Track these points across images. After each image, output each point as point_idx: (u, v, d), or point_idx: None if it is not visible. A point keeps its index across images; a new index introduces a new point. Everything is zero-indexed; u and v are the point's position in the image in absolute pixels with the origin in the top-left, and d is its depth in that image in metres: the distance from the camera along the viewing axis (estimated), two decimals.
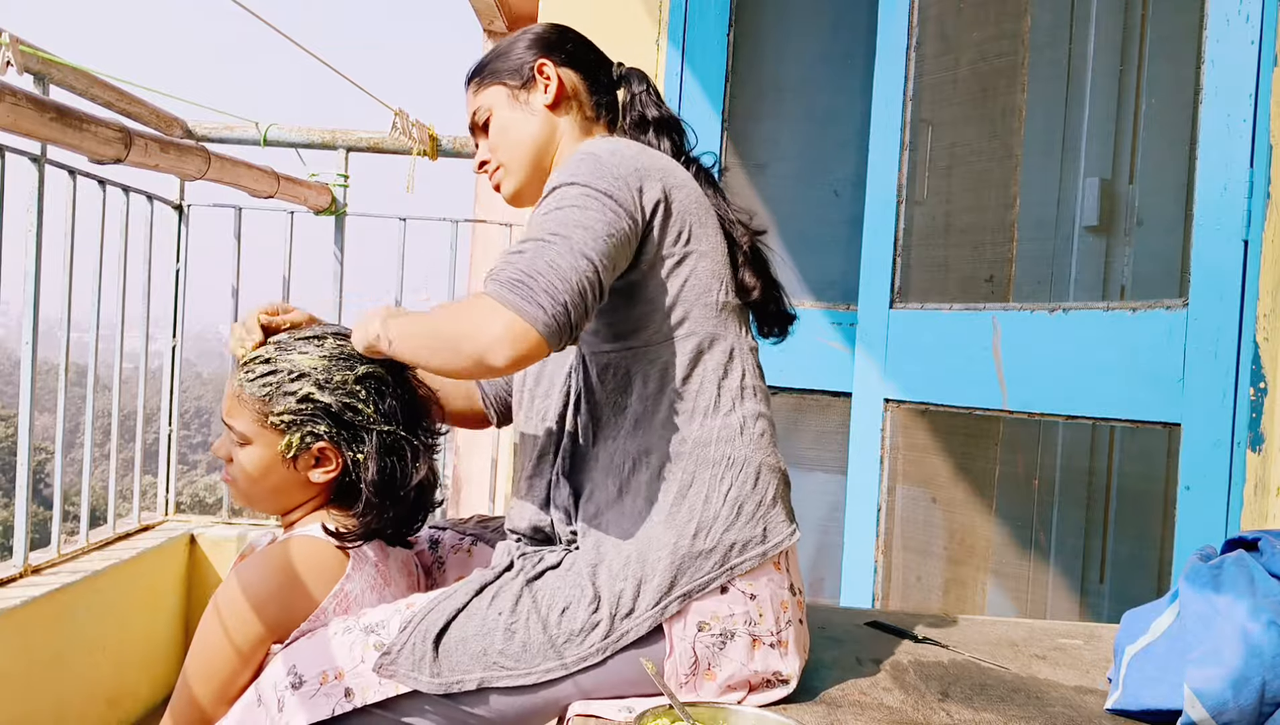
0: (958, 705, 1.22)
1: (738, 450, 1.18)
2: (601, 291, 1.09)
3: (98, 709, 2.47)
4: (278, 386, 1.25)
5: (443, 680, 1.14)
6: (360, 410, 1.26)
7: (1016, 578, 2.35)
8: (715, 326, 1.21)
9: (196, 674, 1.21)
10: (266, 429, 1.26)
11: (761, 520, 1.17)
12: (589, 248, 1.08)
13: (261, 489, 1.30)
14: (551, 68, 1.34)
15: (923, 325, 2.14)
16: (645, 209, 1.17)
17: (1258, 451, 1.56)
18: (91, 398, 2.51)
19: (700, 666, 1.14)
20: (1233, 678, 1.07)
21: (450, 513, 4.79)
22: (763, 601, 1.16)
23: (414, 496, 1.31)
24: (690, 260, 1.21)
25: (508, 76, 1.35)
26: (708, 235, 1.24)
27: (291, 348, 1.28)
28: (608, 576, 1.15)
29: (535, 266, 1.05)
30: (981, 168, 2.33)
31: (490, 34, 5.40)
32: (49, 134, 1.95)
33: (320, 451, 1.27)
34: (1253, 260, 1.60)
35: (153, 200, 2.82)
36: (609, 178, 1.15)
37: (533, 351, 1.04)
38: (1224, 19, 1.65)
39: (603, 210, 1.12)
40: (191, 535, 2.96)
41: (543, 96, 1.33)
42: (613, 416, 1.20)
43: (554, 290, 1.04)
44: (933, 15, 2.23)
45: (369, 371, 1.28)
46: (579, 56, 1.37)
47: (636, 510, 1.16)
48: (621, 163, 1.17)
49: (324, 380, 1.25)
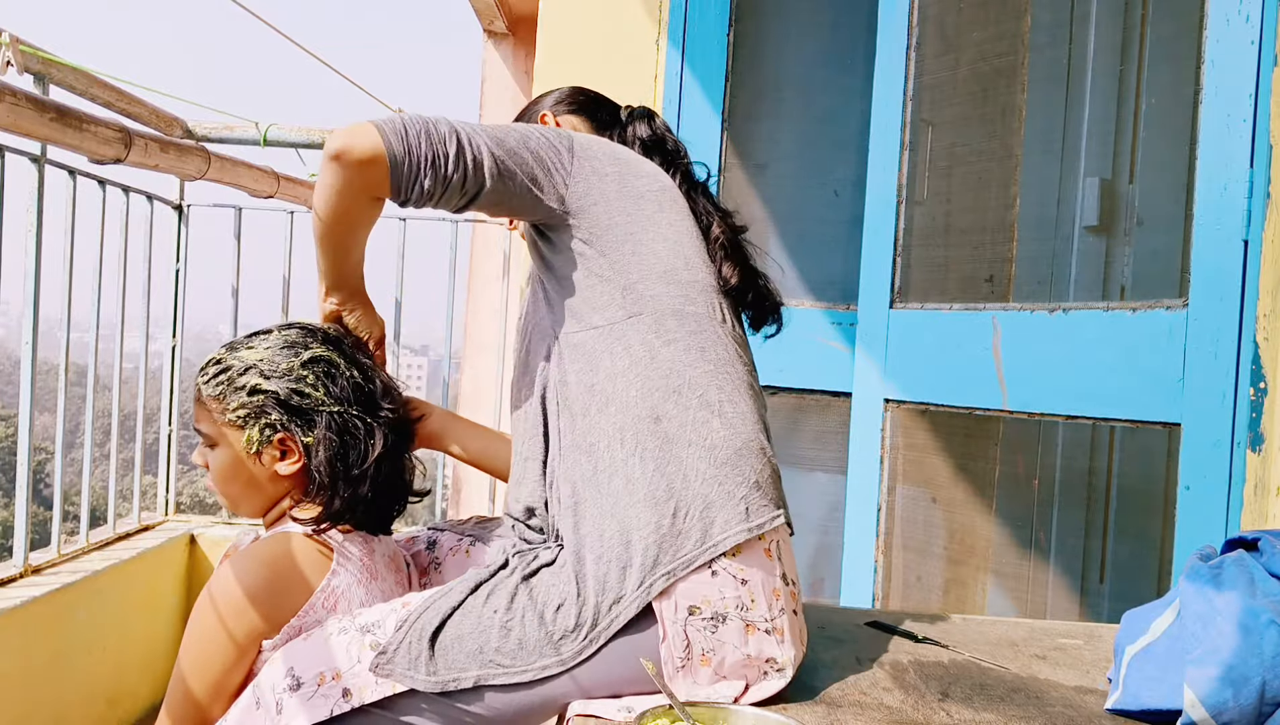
0: (958, 705, 1.22)
1: (716, 432, 1.19)
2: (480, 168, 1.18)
3: (98, 709, 2.47)
4: (229, 383, 1.29)
5: (439, 679, 1.14)
6: (308, 394, 1.28)
7: (1016, 578, 2.35)
8: (682, 303, 1.23)
9: (191, 667, 1.22)
10: (228, 427, 1.30)
11: (743, 500, 1.17)
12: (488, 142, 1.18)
13: (236, 489, 1.32)
14: (551, 117, 1.46)
15: (923, 325, 2.14)
16: (582, 163, 1.24)
17: (1258, 451, 1.56)
18: (91, 398, 2.51)
19: (694, 652, 1.14)
20: (1233, 678, 1.07)
21: (450, 513, 4.79)
22: (754, 586, 1.16)
23: (385, 480, 1.32)
24: (646, 239, 1.24)
25: None
26: (668, 220, 1.27)
27: (240, 345, 1.32)
28: (592, 562, 1.15)
29: (418, 119, 1.17)
30: (981, 168, 2.33)
31: (490, 34, 5.40)
32: (49, 134, 1.95)
33: (281, 442, 1.29)
34: (1253, 260, 1.60)
35: (153, 200, 2.83)
36: (555, 132, 1.26)
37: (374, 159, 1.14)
38: (1224, 19, 1.65)
39: (526, 135, 1.22)
40: (191, 535, 2.96)
41: None
42: (585, 397, 1.21)
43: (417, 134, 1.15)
44: (933, 15, 2.23)
45: (316, 355, 1.30)
46: (585, 106, 1.49)
47: (614, 490, 1.17)
48: (580, 136, 1.28)
49: (269, 370, 1.29)
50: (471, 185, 1.19)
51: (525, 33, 5.20)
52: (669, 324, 1.21)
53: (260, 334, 1.34)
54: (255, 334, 1.35)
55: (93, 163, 2.25)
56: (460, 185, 1.18)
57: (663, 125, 1.45)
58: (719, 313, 1.26)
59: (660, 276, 1.23)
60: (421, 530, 1.52)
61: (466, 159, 1.17)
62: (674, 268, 1.24)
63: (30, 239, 2.17)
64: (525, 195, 1.21)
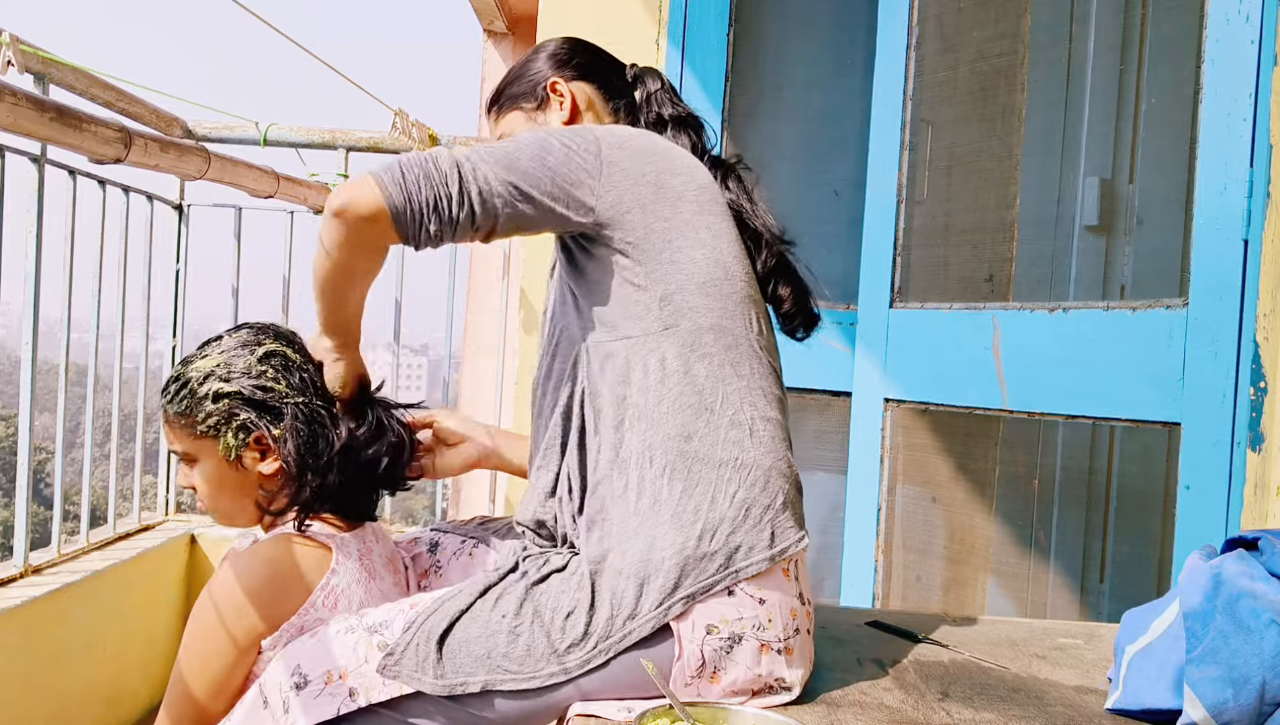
0: (958, 705, 1.22)
1: (747, 452, 1.17)
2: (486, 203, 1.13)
3: (98, 709, 2.47)
4: (191, 395, 1.28)
5: (446, 682, 1.13)
6: (271, 388, 1.28)
7: (1016, 578, 2.35)
8: (720, 318, 1.19)
9: (190, 666, 1.22)
10: (202, 440, 1.29)
11: (769, 524, 1.16)
12: (496, 170, 1.13)
13: (226, 500, 1.32)
14: (564, 84, 1.38)
15: (923, 325, 2.14)
16: (611, 168, 1.17)
17: (1258, 451, 1.56)
18: (92, 398, 2.51)
19: (707, 669, 1.14)
20: (1233, 678, 1.07)
21: (450, 513, 4.79)
22: (771, 607, 1.15)
23: (357, 468, 1.32)
24: (685, 246, 1.19)
25: (523, 100, 1.40)
26: (707, 222, 1.22)
27: (194, 357, 1.32)
28: (611, 575, 1.14)
29: (416, 160, 1.12)
30: (981, 168, 2.33)
31: (490, 34, 5.40)
32: (49, 134, 1.95)
33: (258, 441, 1.29)
34: (1253, 260, 1.60)
35: (153, 200, 2.82)
36: (578, 135, 1.18)
37: (376, 215, 1.11)
38: (1224, 19, 1.65)
39: (543, 149, 1.16)
40: (192, 535, 2.96)
41: (558, 114, 1.38)
42: (616, 409, 1.18)
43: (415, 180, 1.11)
44: (933, 15, 2.23)
45: (270, 350, 1.31)
46: (590, 67, 1.41)
47: (641, 508, 1.15)
48: (609, 134, 1.20)
49: (227, 373, 1.28)
50: (484, 219, 1.14)
51: (525, 32, 5.20)
52: (705, 338, 1.18)
53: (212, 342, 1.34)
54: (207, 343, 1.34)
55: (93, 163, 2.25)
56: (470, 222, 1.13)
57: (670, 88, 1.40)
58: (755, 325, 1.23)
59: (699, 288, 1.19)
60: (424, 531, 1.52)
61: (471, 195, 1.12)
62: (714, 278, 1.20)
63: (30, 239, 2.17)
64: (549, 215, 1.16)
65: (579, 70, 1.39)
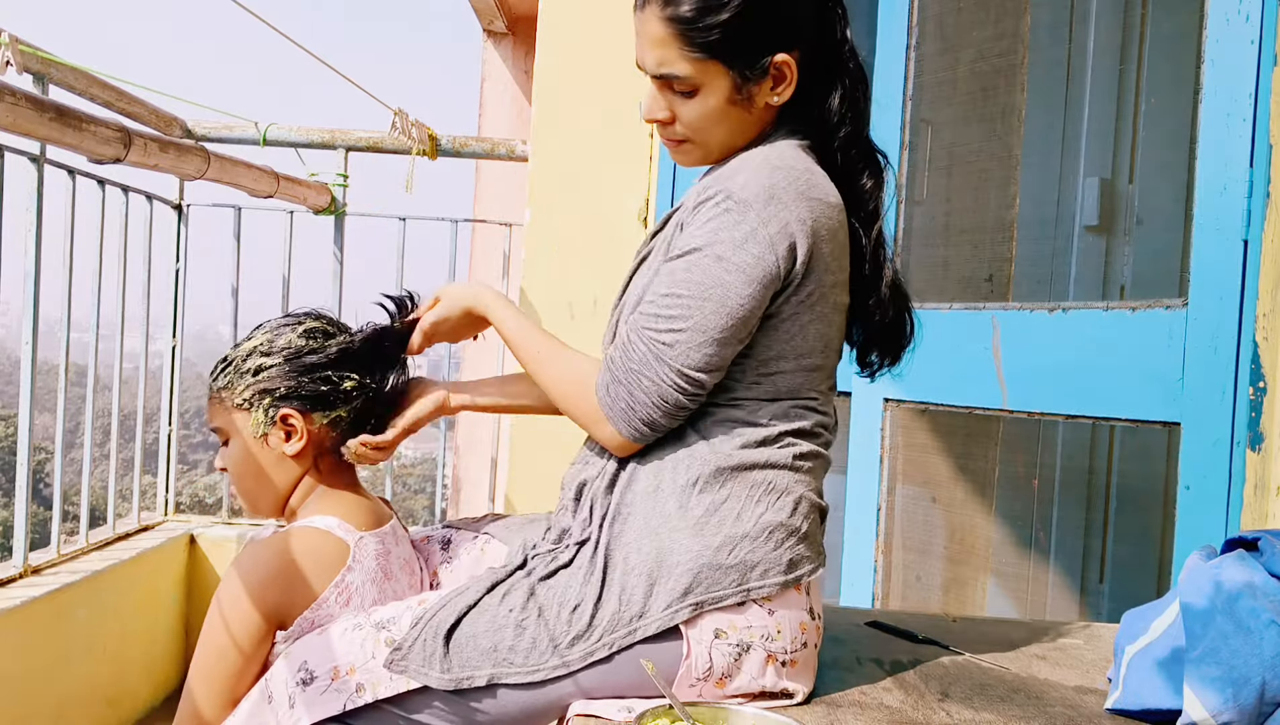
0: (958, 705, 1.22)
1: (782, 479, 1.18)
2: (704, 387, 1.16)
3: (98, 709, 2.47)
4: (235, 371, 1.34)
5: (453, 676, 1.14)
6: (316, 349, 1.33)
7: (1016, 578, 2.35)
8: (802, 385, 1.20)
9: (199, 674, 1.22)
10: (236, 413, 1.34)
11: (790, 550, 1.16)
12: (700, 351, 1.13)
13: (251, 481, 1.35)
14: (793, 64, 1.15)
15: (922, 324, 2.14)
16: (784, 273, 1.14)
17: (1258, 451, 1.56)
18: (91, 398, 2.51)
19: (714, 674, 1.14)
20: (1233, 678, 1.07)
21: (450, 513, 4.79)
22: (781, 619, 1.16)
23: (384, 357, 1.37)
24: (804, 322, 1.19)
25: (739, 62, 1.14)
26: (835, 295, 1.21)
27: (241, 341, 1.38)
28: (622, 570, 1.15)
29: (638, 386, 1.15)
30: (981, 167, 2.33)
31: (490, 34, 5.39)
32: (48, 134, 1.95)
33: (285, 419, 1.32)
34: (1252, 260, 1.60)
35: (152, 200, 2.83)
36: (762, 243, 1.12)
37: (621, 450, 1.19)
38: (1224, 19, 1.65)
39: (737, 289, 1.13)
40: (191, 535, 2.96)
41: (769, 95, 1.17)
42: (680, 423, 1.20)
43: (650, 416, 1.15)
44: (933, 15, 2.23)
45: (310, 328, 1.35)
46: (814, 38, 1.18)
47: (667, 511, 1.16)
48: (779, 214, 1.12)
49: (268, 348, 1.34)
50: (693, 397, 1.15)
51: (525, 32, 5.19)
52: (782, 402, 1.20)
53: (257, 328, 1.40)
54: (252, 330, 1.40)
55: (92, 162, 2.25)
56: (689, 407, 1.16)
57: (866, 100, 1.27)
58: (829, 387, 1.26)
59: (795, 358, 1.19)
60: (436, 529, 1.52)
61: (669, 402, 1.14)
62: (811, 351, 1.20)
63: (30, 239, 2.17)
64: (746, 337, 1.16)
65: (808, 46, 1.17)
